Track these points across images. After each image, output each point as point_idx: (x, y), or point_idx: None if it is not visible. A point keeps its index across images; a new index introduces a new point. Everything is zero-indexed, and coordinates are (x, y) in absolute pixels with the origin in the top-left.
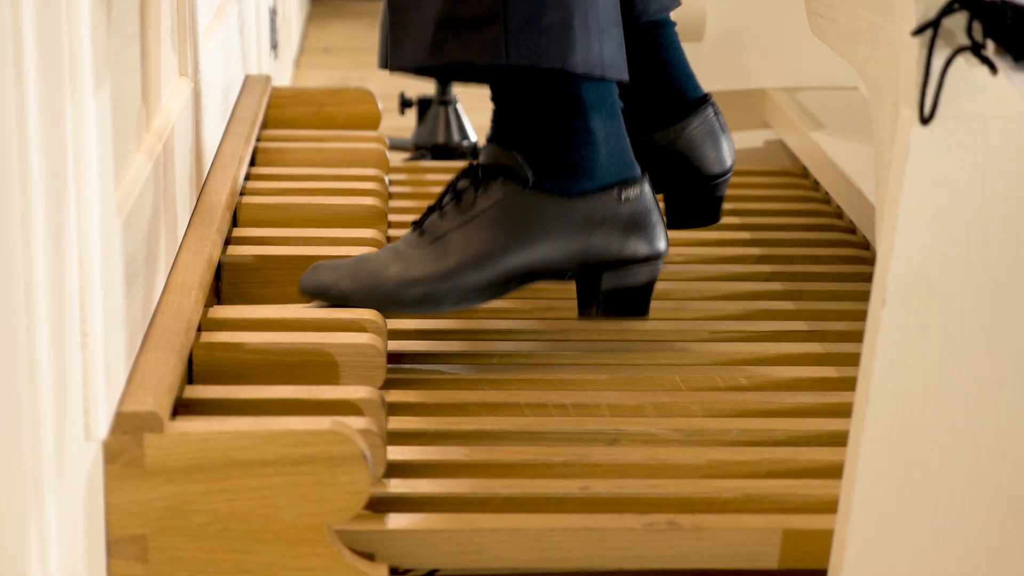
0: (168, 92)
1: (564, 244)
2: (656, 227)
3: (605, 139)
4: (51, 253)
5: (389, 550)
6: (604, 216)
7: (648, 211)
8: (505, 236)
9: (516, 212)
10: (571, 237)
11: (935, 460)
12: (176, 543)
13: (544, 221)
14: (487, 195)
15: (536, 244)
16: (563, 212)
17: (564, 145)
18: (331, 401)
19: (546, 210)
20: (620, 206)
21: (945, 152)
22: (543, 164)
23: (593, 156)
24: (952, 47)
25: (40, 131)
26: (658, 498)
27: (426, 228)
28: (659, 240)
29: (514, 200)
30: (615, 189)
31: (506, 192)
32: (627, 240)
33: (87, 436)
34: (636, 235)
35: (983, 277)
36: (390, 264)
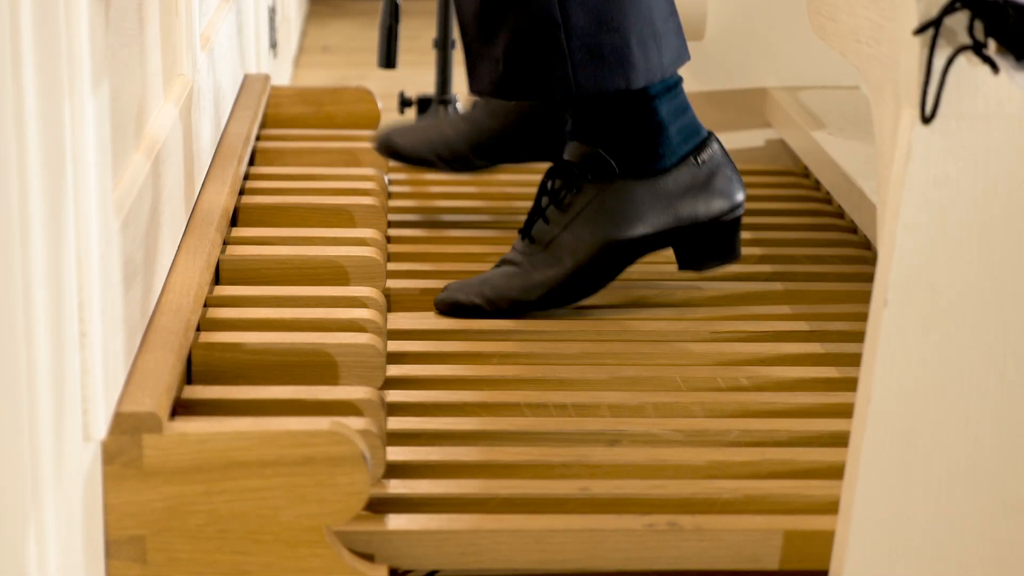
0: (167, 91)
1: (659, 219)
2: (732, 180)
3: (673, 118)
4: (49, 253)
5: (388, 551)
6: (687, 184)
7: (722, 166)
8: (607, 226)
9: (611, 203)
10: (663, 211)
11: (936, 461)
12: (175, 544)
13: (637, 204)
14: (582, 194)
15: (635, 226)
16: (651, 192)
17: (639, 136)
18: (330, 402)
19: (636, 194)
20: (699, 170)
21: (947, 151)
22: (624, 155)
23: (666, 138)
24: (954, 46)
25: (38, 130)
26: (659, 499)
27: (535, 236)
28: (737, 193)
29: (606, 193)
30: (690, 157)
31: (598, 187)
32: (711, 198)
33: (85, 436)
34: (716, 191)
35: (985, 277)
36: (512, 278)
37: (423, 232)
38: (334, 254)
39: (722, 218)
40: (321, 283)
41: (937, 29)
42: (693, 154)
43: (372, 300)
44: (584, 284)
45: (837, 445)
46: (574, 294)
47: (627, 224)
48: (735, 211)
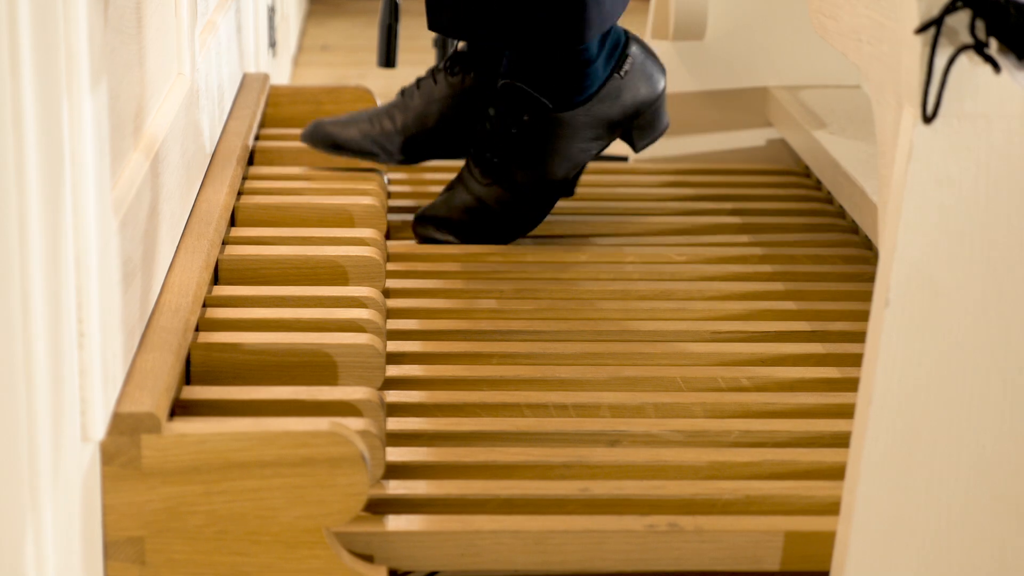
0: (165, 90)
1: (596, 131)
2: (653, 74)
3: (598, 45)
4: (47, 253)
5: (388, 552)
6: (616, 92)
7: (643, 63)
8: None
9: (551, 134)
10: (598, 124)
11: (938, 461)
12: (173, 545)
13: (574, 127)
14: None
15: (575, 143)
16: (585, 114)
17: (570, 75)
18: (330, 402)
19: (573, 120)
20: (622, 81)
21: (948, 151)
22: (556, 93)
23: (593, 68)
24: (955, 45)
25: (36, 130)
26: (659, 500)
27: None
28: (658, 82)
29: (545, 126)
30: (614, 74)
31: (537, 123)
32: (637, 95)
33: (84, 437)
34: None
35: (987, 277)
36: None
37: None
38: (333, 254)
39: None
40: (320, 283)
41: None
42: (615, 70)
43: (371, 300)
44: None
45: (838, 446)
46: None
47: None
48: (657, 100)
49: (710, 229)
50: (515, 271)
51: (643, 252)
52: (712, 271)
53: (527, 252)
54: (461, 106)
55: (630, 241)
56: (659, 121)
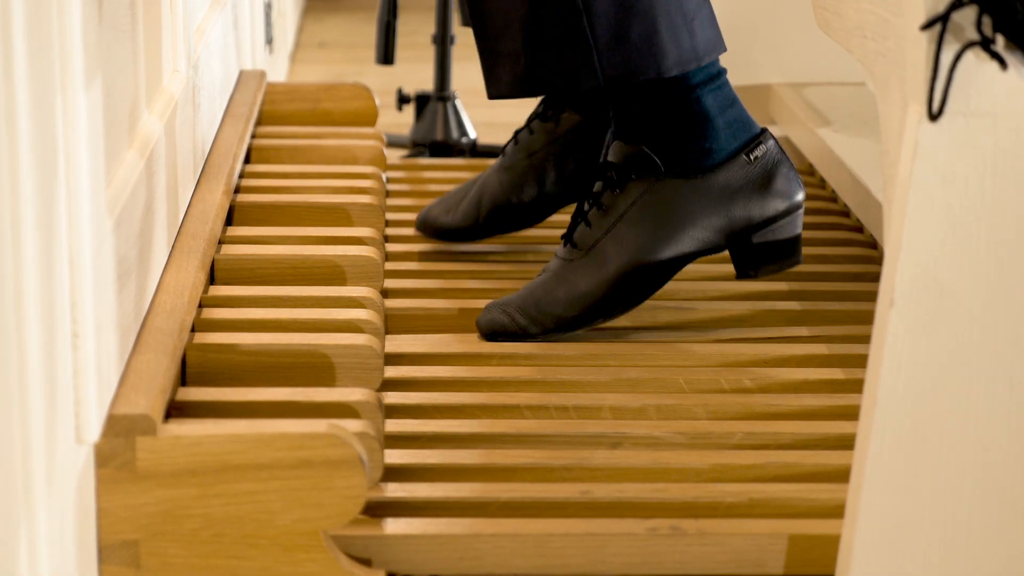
0: (161, 88)
1: (710, 221)
2: (790, 179)
3: (719, 111)
4: (41, 252)
5: (386, 556)
6: (739, 182)
7: (778, 164)
8: (653, 229)
9: (657, 204)
10: (714, 212)
11: (944, 464)
12: (169, 549)
13: (685, 205)
14: (626, 195)
15: (684, 229)
16: (700, 191)
17: (684, 130)
18: (327, 404)
19: (684, 194)
20: (751, 168)
21: (954, 149)
22: (669, 152)
23: (713, 131)
24: (961, 42)
25: (30, 128)
26: (661, 503)
27: (577, 240)
28: (796, 192)
29: (652, 193)
30: (741, 154)
31: (643, 187)
32: (766, 199)
33: (78, 439)
34: (773, 191)
35: (993, 276)
36: (555, 288)
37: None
38: (331, 253)
39: (779, 219)
40: (318, 283)
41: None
42: (744, 150)
43: (370, 300)
44: (630, 292)
45: (843, 448)
46: (620, 304)
47: (674, 228)
48: (794, 211)
49: None
50: (515, 271)
51: None
52: (714, 270)
53: (527, 252)
54: (567, 150)
55: None
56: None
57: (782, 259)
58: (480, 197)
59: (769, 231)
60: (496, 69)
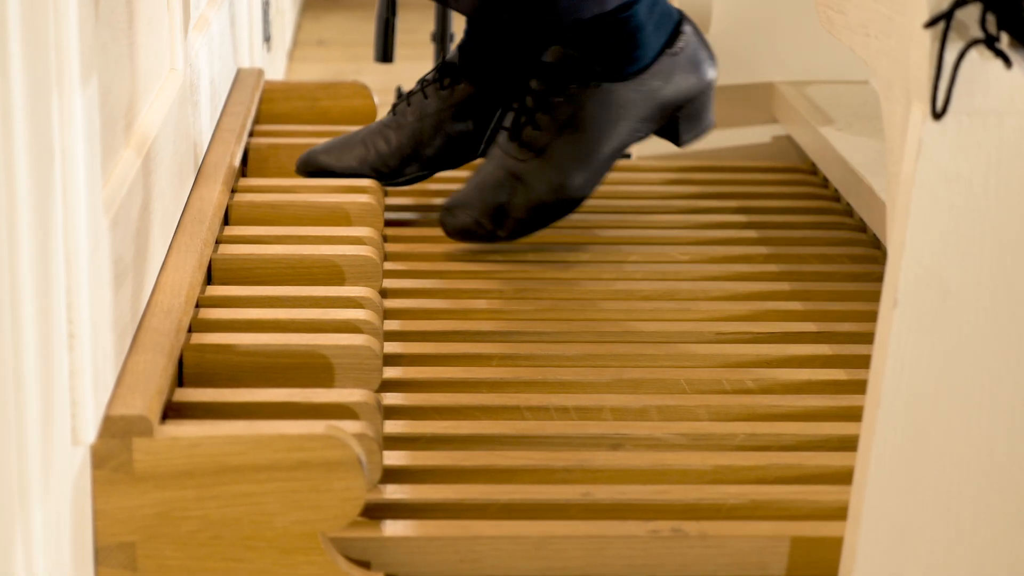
0: (158, 86)
1: (647, 111)
2: (704, 61)
3: (648, 15)
4: (37, 252)
5: (385, 558)
6: (668, 71)
7: (696, 48)
8: (598, 130)
9: (598, 106)
10: (649, 102)
11: (948, 466)
12: (166, 551)
13: (623, 105)
14: (569, 100)
15: (622, 124)
16: (636, 89)
17: (618, 42)
18: (325, 405)
19: (623, 94)
20: (675, 59)
21: (958, 148)
22: (606, 61)
23: (643, 37)
24: (965, 40)
25: (25, 126)
26: (662, 505)
27: (527, 140)
28: (708, 71)
29: (593, 97)
30: (666, 49)
31: (585, 93)
32: (688, 80)
33: (74, 440)
34: (693, 73)
35: (998, 276)
36: (513, 190)
37: (421, 231)
38: (329, 253)
39: (696, 98)
40: (316, 283)
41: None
42: (667, 45)
43: (368, 301)
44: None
45: (846, 449)
46: (576, 202)
47: (617, 122)
48: (707, 90)
49: (714, 228)
50: (515, 271)
51: (646, 251)
52: (716, 271)
53: (527, 251)
54: (456, 119)
55: (633, 240)
56: (706, 114)
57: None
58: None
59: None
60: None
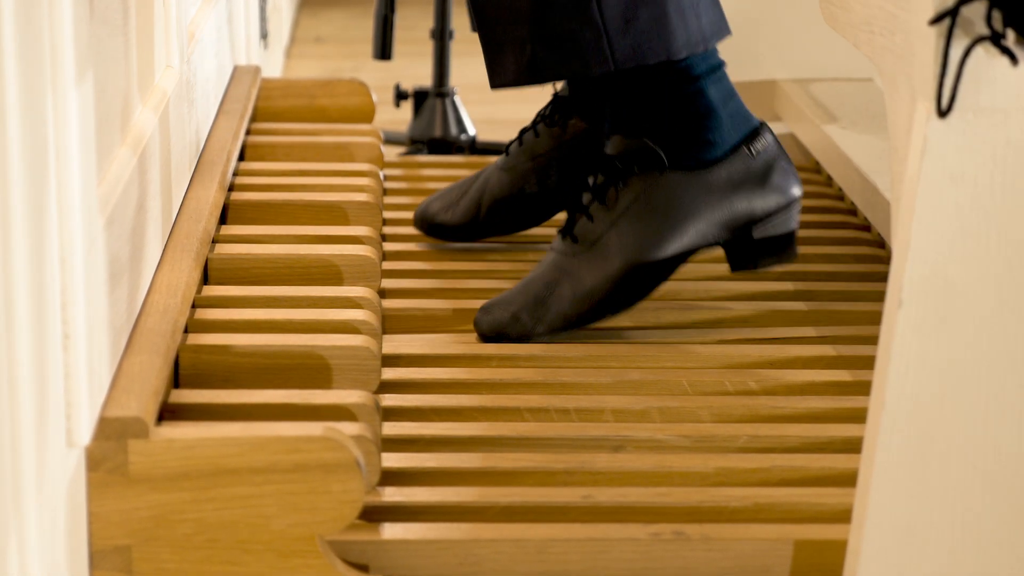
0: (153, 84)
1: (712, 215)
2: (788, 173)
3: (722, 102)
4: (31, 251)
5: (384, 561)
6: (742, 176)
7: (777, 158)
8: (657, 224)
9: (660, 198)
10: (717, 206)
11: (954, 468)
12: (162, 554)
13: (688, 199)
14: (628, 189)
15: (688, 223)
16: (704, 185)
17: (687, 122)
18: (323, 406)
19: (688, 188)
20: (753, 161)
21: (963, 146)
22: (672, 145)
23: (716, 123)
24: (971, 37)
25: (19, 124)
26: (664, 507)
27: (578, 235)
28: (794, 186)
29: (655, 186)
30: (743, 147)
31: (646, 181)
32: (767, 193)
33: (69, 442)
34: (773, 185)
35: (1004, 276)
36: (558, 283)
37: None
38: (327, 253)
39: (778, 213)
40: (314, 283)
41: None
42: (746, 143)
43: (367, 301)
44: (635, 288)
45: (850, 451)
46: (625, 299)
47: (679, 222)
48: (792, 205)
49: None
50: (515, 271)
51: None
52: (718, 270)
53: (528, 251)
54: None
55: None
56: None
57: (780, 253)
58: (481, 195)
59: (769, 225)
60: (500, 58)
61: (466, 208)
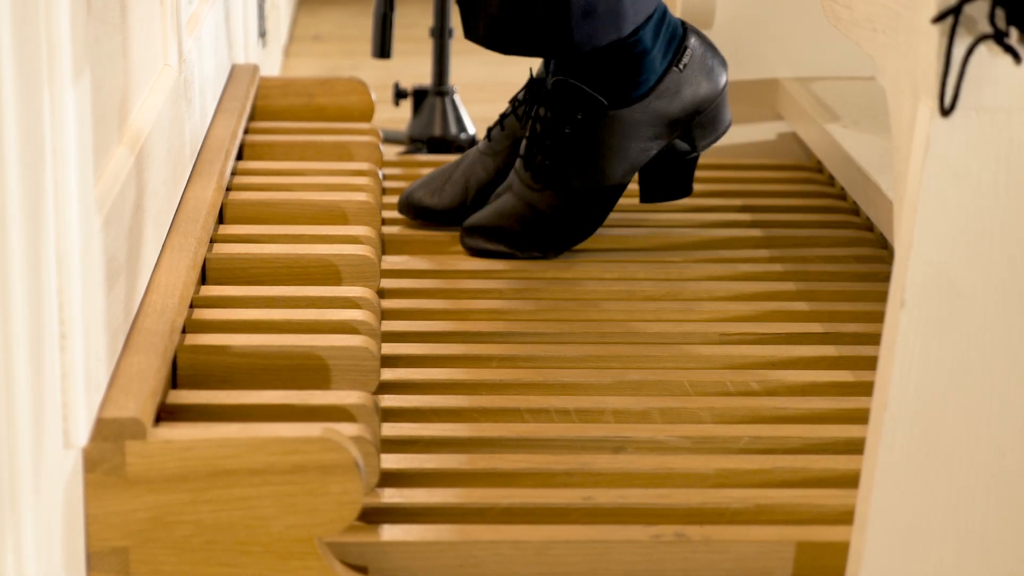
0: (151, 82)
1: (656, 129)
2: (714, 68)
3: (653, 38)
4: (28, 251)
5: (383, 563)
6: (675, 88)
7: (703, 56)
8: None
9: (606, 132)
10: (657, 121)
11: (957, 469)
12: (159, 556)
13: (632, 126)
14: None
15: (633, 144)
16: (643, 111)
17: (625, 70)
18: (322, 407)
19: (630, 119)
20: (684, 72)
21: (966, 145)
22: (612, 90)
23: (650, 62)
24: (974, 35)
25: (16, 122)
26: (665, 509)
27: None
28: (720, 76)
29: (600, 126)
30: (672, 67)
31: (592, 122)
32: (698, 90)
33: (66, 443)
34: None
35: (1007, 276)
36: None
37: (419, 229)
38: (326, 252)
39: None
40: (312, 283)
41: (956, 17)
42: (673, 62)
43: (365, 301)
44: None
45: (852, 452)
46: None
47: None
48: (719, 95)
49: (718, 227)
50: (515, 270)
51: (648, 251)
52: (720, 271)
53: None
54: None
55: (635, 239)
56: (721, 118)
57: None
58: (466, 180)
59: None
60: (473, 15)
61: (453, 193)
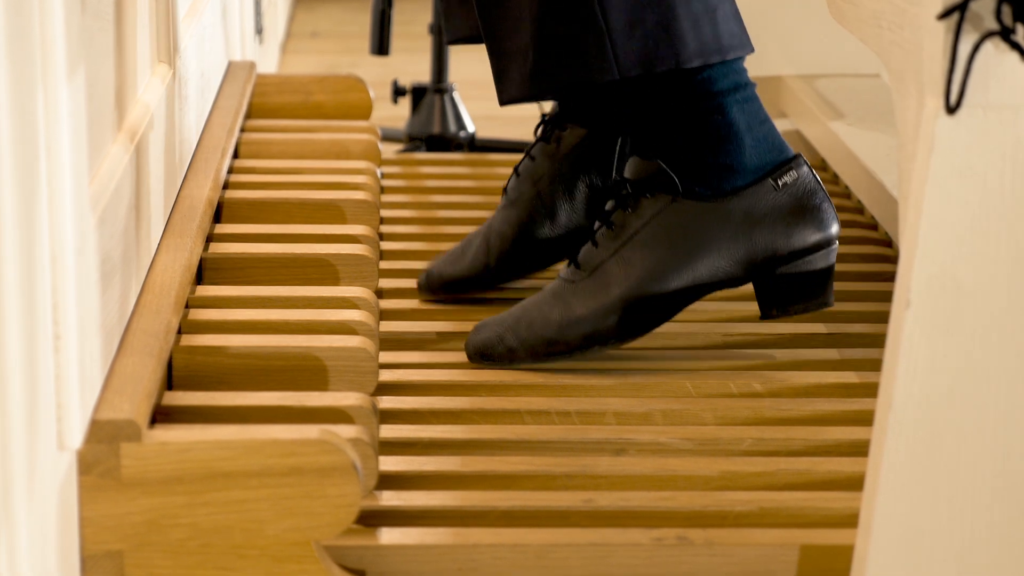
0: (146, 79)
1: (728, 249)
2: (823, 209)
3: (747, 126)
4: (21, 250)
5: (381, 566)
6: (764, 210)
7: (811, 193)
8: (664, 254)
9: (671, 226)
10: (734, 240)
11: (962, 471)
12: (154, 559)
13: (702, 230)
14: (638, 214)
15: (699, 256)
16: (720, 215)
17: (705, 143)
18: (319, 408)
19: (701, 217)
20: (778, 195)
21: (973, 143)
22: (688, 168)
23: (738, 147)
24: (980, 32)
25: (9, 120)
26: (667, 512)
27: (581, 261)
28: (830, 223)
29: (666, 214)
30: (768, 178)
31: (657, 207)
32: (794, 230)
33: (60, 445)
34: (803, 222)
35: (1014, 275)
36: (552, 308)
37: (417, 229)
38: (323, 252)
39: (808, 253)
40: (309, 283)
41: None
42: (773, 175)
43: (363, 301)
44: (632, 322)
45: (856, 455)
46: (619, 334)
47: (688, 254)
48: (826, 246)
49: None
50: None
51: None
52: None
53: None
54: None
55: None
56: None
57: (810, 298)
58: (487, 239)
59: (796, 265)
60: (506, 71)
61: (475, 256)
